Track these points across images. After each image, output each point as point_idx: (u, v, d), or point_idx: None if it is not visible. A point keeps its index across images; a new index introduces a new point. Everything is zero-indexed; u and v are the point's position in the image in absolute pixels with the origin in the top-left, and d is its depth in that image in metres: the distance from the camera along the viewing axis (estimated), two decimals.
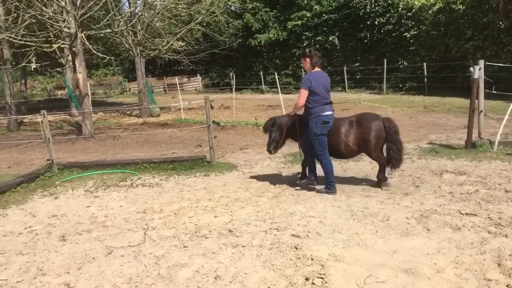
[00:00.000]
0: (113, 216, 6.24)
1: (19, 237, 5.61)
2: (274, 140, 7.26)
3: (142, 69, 20.45)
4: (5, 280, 4.33)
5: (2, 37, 15.80)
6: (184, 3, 19.18)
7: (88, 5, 14.46)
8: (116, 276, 4.27)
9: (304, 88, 6.50)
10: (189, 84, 39.79)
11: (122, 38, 18.57)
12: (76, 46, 14.60)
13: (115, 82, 43.09)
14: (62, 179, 8.84)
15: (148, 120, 19.54)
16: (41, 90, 42.78)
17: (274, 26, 31.85)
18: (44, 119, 9.66)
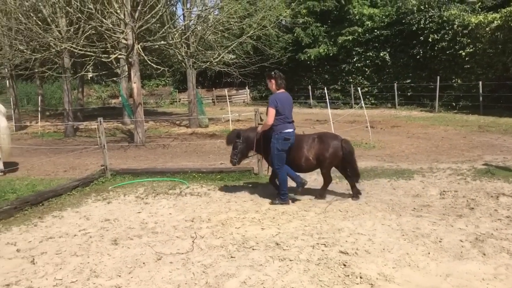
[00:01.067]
0: (163, 223, 6.37)
1: (74, 238, 5.83)
2: (239, 152, 7.48)
3: (193, 80, 20.90)
4: (60, 280, 4.51)
5: (64, 47, 16.61)
6: (236, 17, 19.51)
7: (145, 18, 14.95)
8: (165, 282, 4.35)
9: (272, 107, 6.93)
10: (237, 96, 40.25)
11: (176, 50, 19.07)
12: (132, 57, 15.13)
13: (166, 92, 44.24)
14: (115, 184, 9.14)
15: (197, 130, 19.91)
16: (96, 98, 44.52)
17: (324, 41, 31.77)
18: (100, 126, 10.06)
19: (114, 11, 14.67)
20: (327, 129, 16.51)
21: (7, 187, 8.85)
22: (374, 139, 14.26)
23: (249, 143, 7.42)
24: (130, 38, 15.03)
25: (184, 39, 17.97)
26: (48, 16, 18.04)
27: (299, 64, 33.56)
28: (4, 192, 8.33)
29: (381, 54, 29.02)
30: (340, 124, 18.15)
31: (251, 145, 7.41)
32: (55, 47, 17.70)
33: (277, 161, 7.04)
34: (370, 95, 29.61)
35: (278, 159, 7.01)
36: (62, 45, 16.79)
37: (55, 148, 15.86)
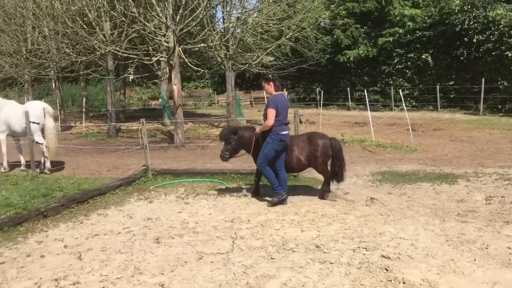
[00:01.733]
0: (203, 223, 6.46)
1: (118, 236, 5.99)
2: (232, 149, 7.65)
3: (232, 82, 21.06)
4: (106, 276, 4.64)
5: (108, 50, 17.10)
6: (275, 19, 19.55)
7: (185, 21, 15.20)
8: (206, 281, 4.41)
9: (273, 108, 7.08)
10: None
11: (215, 52, 19.29)
12: (173, 59, 15.40)
13: (204, 94, 44.81)
14: (156, 184, 9.33)
15: None
16: (137, 100, 45.55)
17: (364, 42, 31.36)
18: (142, 127, 10.29)
19: (156, 15, 14.98)
20: (367, 131, 16.33)
21: (54, 185, 9.17)
22: (415, 142, 13.98)
23: (243, 141, 7.62)
24: (171, 40, 15.32)
25: (223, 41, 18.14)
26: (93, 20, 18.60)
27: (338, 66, 33.29)
28: (51, 190, 8.63)
29: (423, 55, 28.41)
30: (380, 126, 17.88)
31: (246, 144, 7.62)
32: (99, 50, 18.26)
33: (263, 160, 7.24)
34: (411, 97, 29.02)
35: (265, 158, 7.23)
36: (106, 48, 17.29)
37: (99, 148, 16.33)
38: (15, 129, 11.36)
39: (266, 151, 7.19)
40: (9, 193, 8.50)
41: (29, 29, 22.45)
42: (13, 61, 22.97)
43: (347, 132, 17.49)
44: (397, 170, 10.08)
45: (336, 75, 34.93)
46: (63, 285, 4.46)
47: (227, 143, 7.64)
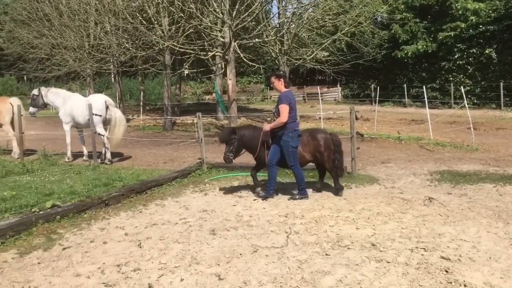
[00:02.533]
0: (257, 216, 6.52)
1: (175, 226, 6.16)
2: (235, 150, 7.59)
3: None
4: (165, 264, 4.79)
5: (166, 45, 17.53)
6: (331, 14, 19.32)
7: (241, 16, 15.33)
8: (261, 274, 4.45)
9: (286, 104, 7.14)
10: (328, 94, 39.83)
11: (270, 48, 19.33)
12: (229, 54, 15.59)
13: (257, 89, 45.01)
14: (211, 177, 9.49)
15: None
16: (191, 94, 46.44)
17: (423, 37, 30.30)
18: (198, 121, 10.50)
19: (213, 10, 15.20)
20: (424, 129, 15.84)
21: (114, 175, 9.53)
22: (476, 142, 13.42)
23: (245, 140, 7.60)
24: (227, 36, 15.50)
25: (278, 36, 18.14)
26: (152, 15, 19.13)
27: (395, 61, 32.42)
28: (112, 180, 8.97)
29: (486, 51, 27.18)
30: (438, 124, 17.30)
31: (249, 143, 7.63)
32: (157, 45, 18.76)
33: (293, 159, 7.32)
34: (472, 94, 27.86)
35: (294, 156, 7.32)
36: (164, 43, 17.73)
37: (155, 141, 16.81)
38: (78, 120, 11.91)
39: (292, 150, 7.27)
40: (73, 182, 8.92)
41: (92, 25, 23.38)
42: (77, 56, 24.02)
43: (403, 129, 17.04)
44: (457, 169, 9.72)
45: (393, 71, 34.05)
46: (124, 271, 4.64)
47: (229, 145, 7.58)
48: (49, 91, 12.50)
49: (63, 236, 5.88)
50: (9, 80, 43.31)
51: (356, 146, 9.54)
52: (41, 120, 25.02)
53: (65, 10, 23.54)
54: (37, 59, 26.69)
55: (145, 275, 4.54)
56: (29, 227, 6.00)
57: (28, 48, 26.24)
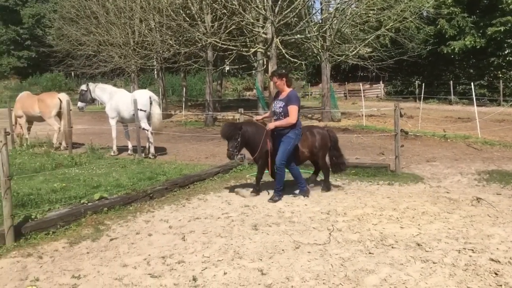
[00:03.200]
0: (299, 213, 6.50)
1: (218, 221, 6.23)
2: (238, 146, 7.32)
3: (328, 73, 20.84)
4: (208, 258, 4.86)
5: (209, 41, 17.72)
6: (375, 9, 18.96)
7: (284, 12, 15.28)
8: (304, 270, 4.45)
9: (296, 104, 7.10)
10: (371, 91, 39.20)
11: (312, 43, 19.18)
12: (271, 51, 15.58)
13: (298, 86, 44.79)
14: (252, 173, 9.53)
15: (329, 124, 19.81)
16: (232, 90, 46.82)
17: (471, 32, 29.28)
18: (241, 117, 10.57)
19: (256, 6, 15.22)
20: (472, 127, 15.35)
21: (158, 170, 9.74)
22: None
23: (247, 137, 7.37)
24: (269, 32, 15.51)
25: (321, 32, 17.97)
26: (195, 12, 19.37)
27: (441, 57, 31.52)
28: (156, 174, 9.17)
29: None
30: (487, 123, 16.71)
31: (250, 141, 7.40)
32: (200, 41, 18.98)
33: (285, 157, 7.15)
34: None
35: (288, 155, 7.18)
36: (207, 40, 17.92)
37: (197, 136, 17.04)
38: (124, 115, 12.23)
39: (290, 147, 7.15)
40: (119, 175, 9.17)
41: (137, 22, 23.92)
42: (122, 52, 24.64)
43: (449, 127, 16.55)
44: (507, 169, 9.36)
45: (438, 67, 33.12)
46: (169, 263, 4.74)
47: (233, 140, 7.28)
48: (96, 87, 12.90)
49: (110, 227, 6.07)
50: (58, 76, 45.02)
51: (400, 144, 9.34)
52: (88, 115, 25.86)
53: (112, 8, 24.19)
54: (85, 56, 27.56)
55: (189, 267, 4.62)
56: (78, 218, 6.22)
57: (76, 45, 27.13)
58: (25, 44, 57.94)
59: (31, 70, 54.96)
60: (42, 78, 47.20)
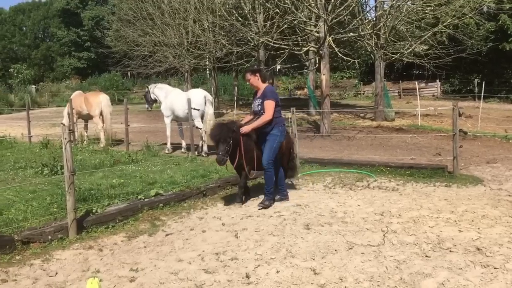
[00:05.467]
0: (352, 213, 6.42)
1: (270, 219, 6.26)
2: (229, 151, 6.58)
3: (381, 72, 20.40)
4: (260, 255, 4.90)
5: (262, 41, 17.81)
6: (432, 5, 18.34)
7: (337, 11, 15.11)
8: (358, 271, 4.39)
9: (273, 99, 6.72)
10: (426, 90, 37.97)
11: (365, 42, 18.84)
12: (323, 49, 15.45)
13: (350, 84, 44.17)
14: (303, 172, 9.50)
15: (383, 124, 19.43)
16: (283, 89, 46.75)
17: None
18: (292, 116, 10.53)
19: (308, 5, 15.14)
20: None
21: (210, 167, 9.88)
22: None
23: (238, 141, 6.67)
24: (322, 30, 15.37)
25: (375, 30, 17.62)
26: (248, 12, 19.52)
27: (502, 54, 30.07)
28: (209, 172, 9.32)
29: None
30: None
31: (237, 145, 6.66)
32: (252, 41, 19.10)
33: (272, 155, 6.80)
34: None
35: (274, 153, 6.84)
36: (259, 39, 18.01)
37: None
38: (178, 114, 12.52)
39: (276, 145, 6.79)
40: (173, 172, 9.39)
41: (190, 22, 24.37)
42: (176, 52, 25.21)
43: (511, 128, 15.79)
44: None
45: (499, 65, 31.62)
46: (222, 259, 4.82)
47: (224, 143, 6.52)
48: (155, 87, 13.36)
49: (166, 223, 6.24)
50: (115, 76, 46.68)
51: (459, 144, 9.01)
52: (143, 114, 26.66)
53: (167, 9, 24.80)
54: (141, 56, 28.41)
55: (242, 264, 4.67)
56: (135, 213, 6.44)
57: (132, 46, 28.02)
58: (85, 45, 60.67)
59: (90, 71, 57.44)
60: (100, 78, 49.12)
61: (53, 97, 44.20)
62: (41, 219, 5.99)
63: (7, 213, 6.34)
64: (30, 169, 10.01)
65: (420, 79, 38.14)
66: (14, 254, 5.10)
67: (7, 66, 60.19)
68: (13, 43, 66.65)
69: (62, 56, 63.62)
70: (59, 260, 4.96)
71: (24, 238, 5.30)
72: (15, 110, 30.60)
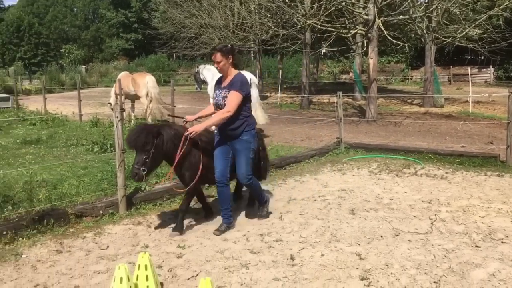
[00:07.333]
0: (398, 200, 6.31)
1: (314, 203, 6.25)
2: (152, 159, 4.86)
3: (432, 57, 19.76)
4: (305, 238, 4.91)
5: (308, 23, 17.57)
6: None
7: None
8: (404, 258, 4.33)
9: (241, 92, 4.96)
10: (478, 76, 36.49)
11: (416, 25, 18.24)
12: (372, 32, 15.09)
13: (397, 69, 43.00)
14: (348, 157, 9.40)
15: (431, 110, 18.88)
16: (327, 73, 46.12)
17: None
18: (339, 100, 10.43)
19: None
20: None
21: None
22: None
23: (167, 148, 4.95)
24: (371, 13, 14.99)
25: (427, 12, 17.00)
26: None
27: None
28: None
29: None
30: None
31: (172, 150, 4.97)
32: (299, 23, 18.88)
33: (250, 167, 5.23)
34: None
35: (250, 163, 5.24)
36: (306, 22, 17.78)
37: (292, 118, 17.10)
38: None
39: (251, 155, 5.20)
40: None
41: (237, 4, 24.34)
42: (222, 34, 25.30)
43: None
44: None
45: None
46: (267, 240, 4.87)
47: (142, 153, 4.85)
48: (204, 68, 13.52)
49: (213, 202, 6.33)
50: (161, 58, 47.39)
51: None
52: (187, 95, 27.08)
53: None
54: (187, 38, 28.68)
55: (286, 246, 4.70)
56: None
57: (179, 27, 28.30)
58: (132, 27, 61.84)
59: (137, 52, 58.55)
60: (147, 60, 49.99)
61: (101, 77, 45.50)
62: (93, 194, 6.23)
63: (60, 187, 6.63)
64: (81, 146, 10.39)
65: (472, 65, 36.65)
66: (68, 227, 5.35)
67: (59, 47, 62.32)
68: (64, 24, 68.86)
69: (111, 37, 65.18)
70: (110, 234, 5.16)
71: (77, 212, 5.53)
72: (66, 89, 31.71)
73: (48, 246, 4.82)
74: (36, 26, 59.60)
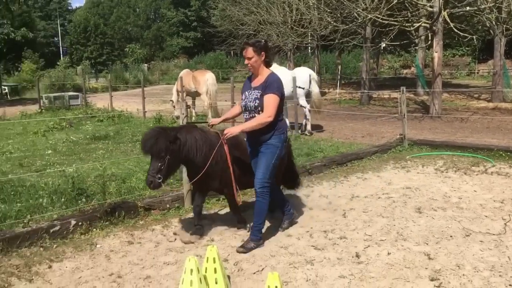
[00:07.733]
0: (467, 199, 6.06)
1: (378, 201, 6.13)
2: (168, 166, 4.49)
3: (501, 49, 18.72)
4: (370, 236, 4.83)
5: (369, 17, 17.20)
6: None
7: None
8: (476, 259, 4.16)
9: (278, 93, 4.51)
10: None
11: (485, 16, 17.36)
12: (437, 25, 14.54)
13: (462, 63, 41.13)
14: (412, 154, 9.12)
15: (501, 106, 17.91)
16: (388, 68, 44.88)
17: None
18: (402, 95, 10.15)
19: None
20: None
21: (315, 146, 9.87)
22: None
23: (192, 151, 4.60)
24: (436, 5, 14.45)
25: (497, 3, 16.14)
26: None
27: None
28: (313, 151, 9.31)
29: None
30: None
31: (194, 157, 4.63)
32: (359, 17, 18.52)
33: (271, 175, 4.68)
34: None
35: (273, 172, 4.73)
36: (367, 16, 17.41)
37: (352, 115, 16.82)
38: None
39: (275, 161, 4.66)
40: None
41: (295, 0, 24.23)
42: (280, 31, 25.30)
43: None
44: None
45: None
46: (331, 237, 4.83)
47: (157, 160, 4.47)
48: None
49: None
50: (219, 55, 48.08)
51: None
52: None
53: None
54: (245, 35, 28.85)
55: (351, 244, 4.65)
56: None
57: (237, 25, 28.58)
58: (192, 25, 63.17)
59: (197, 50, 59.74)
60: (206, 57, 50.86)
61: (162, 75, 46.79)
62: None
63: (129, 181, 6.91)
64: None
65: None
66: (138, 219, 5.57)
67: (123, 46, 64.78)
68: (127, 24, 71.41)
69: (171, 36, 66.90)
70: (177, 227, 5.31)
71: (146, 205, 5.75)
72: (129, 87, 32.92)
73: (120, 237, 5.04)
74: (101, 26, 62.28)
